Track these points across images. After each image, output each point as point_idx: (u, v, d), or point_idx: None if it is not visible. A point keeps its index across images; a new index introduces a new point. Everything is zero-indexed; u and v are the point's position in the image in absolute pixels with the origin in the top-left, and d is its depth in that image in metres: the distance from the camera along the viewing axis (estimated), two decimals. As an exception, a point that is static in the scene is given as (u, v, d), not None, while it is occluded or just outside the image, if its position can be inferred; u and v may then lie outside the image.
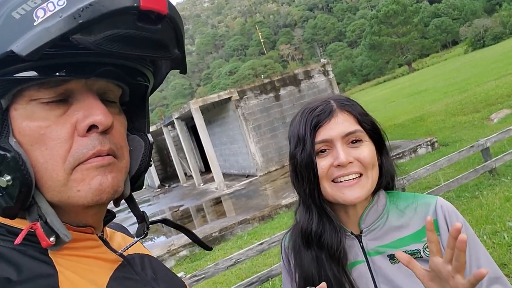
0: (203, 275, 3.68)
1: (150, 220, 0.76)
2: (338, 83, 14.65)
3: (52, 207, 0.58)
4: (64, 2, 0.48)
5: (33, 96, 0.55)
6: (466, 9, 78.23)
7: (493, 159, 5.96)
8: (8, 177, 0.53)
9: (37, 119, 0.55)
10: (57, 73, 0.53)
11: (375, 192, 1.01)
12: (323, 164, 0.96)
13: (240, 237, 7.55)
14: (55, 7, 0.48)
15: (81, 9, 0.47)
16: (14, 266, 0.53)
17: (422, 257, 0.93)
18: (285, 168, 12.82)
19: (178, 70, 0.68)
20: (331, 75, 14.16)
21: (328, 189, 0.96)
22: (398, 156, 9.57)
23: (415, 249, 0.94)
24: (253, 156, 12.99)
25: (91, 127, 0.57)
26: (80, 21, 0.47)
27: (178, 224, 0.81)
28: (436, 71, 40.21)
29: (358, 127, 0.96)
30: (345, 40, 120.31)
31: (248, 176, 13.62)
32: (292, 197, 8.65)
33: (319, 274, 0.99)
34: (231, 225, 7.98)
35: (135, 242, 0.72)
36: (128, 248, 0.71)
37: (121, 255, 0.68)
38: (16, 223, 0.58)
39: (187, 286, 0.80)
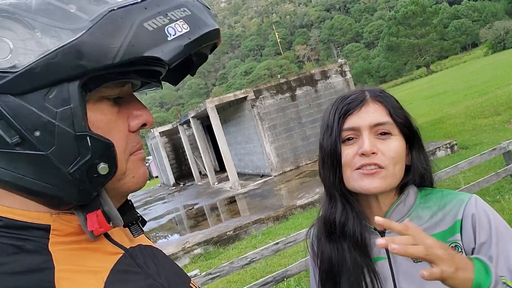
0: (218, 273, 3.66)
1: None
2: (354, 84, 14.52)
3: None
4: (187, 27, 0.57)
5: (103, 93, 0.59)
6: (487, 11, 76.77)
7: (515, 163, 5.80)
8: (105, 165, 0.57)
9: (106, 114, 0.60)
10: (143, 78, 0.62)
11: (403, 188, 0.98)
12: (348, 152, 0.95)
13: (255, 237, 7.53)
14: (182, 30, 0.56)
15: (202, 36, 0.58)
16: (10, 260, 0.54)
17: None
18: (300, 169, 12.75)
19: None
20: (348, 75, 14.03)
21: (350, 177, 0.95)
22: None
23: None
24: (268, 156, 12.95)
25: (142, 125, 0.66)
26: (201, 45, 0.59)
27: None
28: (456, 73, 39.55)
29: (389, 119, 0.95)
30: (362, 41, 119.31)
31: (262, 176, 13.60)
32: (307, 198, 8.60)
33: (340, 263, 0.97)
34: (246, 225, 7.96)
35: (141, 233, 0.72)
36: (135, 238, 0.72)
37: (122, 247, 0.67)
38: (21, 216, 0.58)
39: (192, 281, 0.79)
